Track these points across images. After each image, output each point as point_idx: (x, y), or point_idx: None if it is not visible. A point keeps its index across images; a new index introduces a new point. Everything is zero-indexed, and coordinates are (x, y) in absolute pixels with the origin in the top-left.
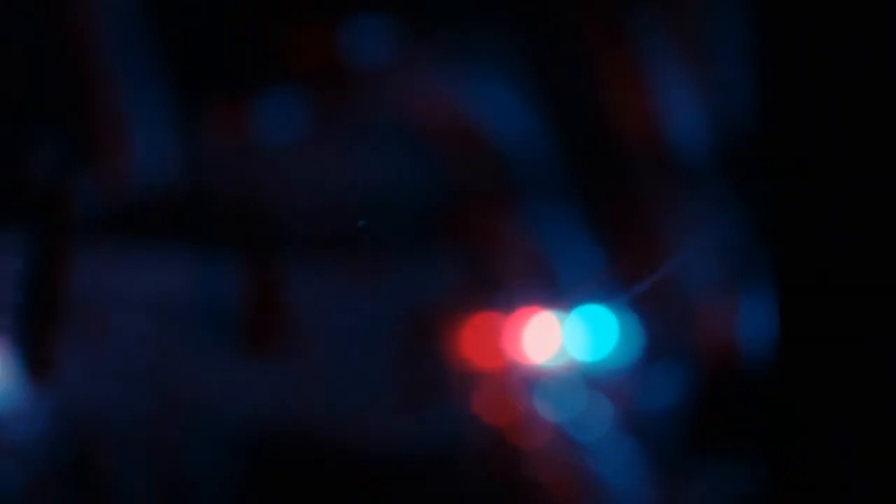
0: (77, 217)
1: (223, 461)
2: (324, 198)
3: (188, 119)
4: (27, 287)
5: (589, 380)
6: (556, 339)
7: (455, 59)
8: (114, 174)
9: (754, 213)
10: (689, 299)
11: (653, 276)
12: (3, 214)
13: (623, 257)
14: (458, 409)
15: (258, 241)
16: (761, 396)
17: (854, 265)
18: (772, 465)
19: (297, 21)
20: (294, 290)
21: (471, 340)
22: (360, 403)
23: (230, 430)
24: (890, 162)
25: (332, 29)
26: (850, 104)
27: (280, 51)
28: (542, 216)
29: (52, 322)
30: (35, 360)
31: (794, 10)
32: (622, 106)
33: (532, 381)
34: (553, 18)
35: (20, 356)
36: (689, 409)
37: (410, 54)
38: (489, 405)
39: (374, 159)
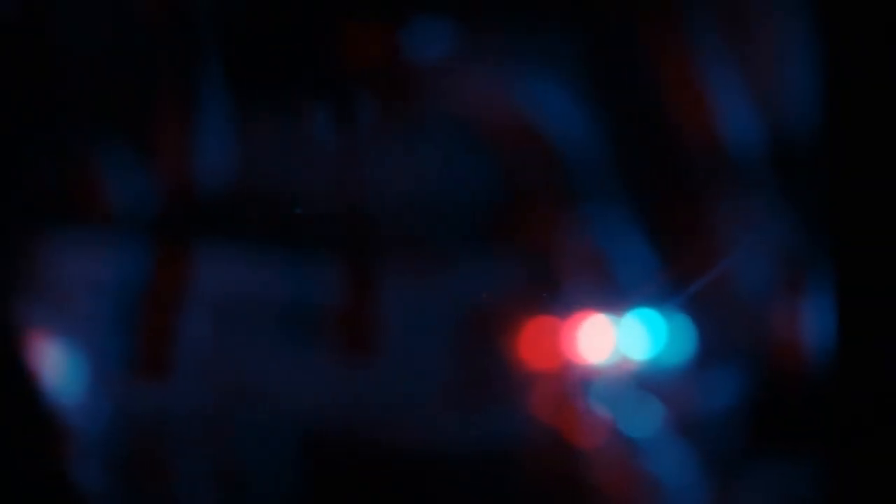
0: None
1: (284, 459)
2: (385, 198)
3: (249, 120)
4: (134, 288)
5: (644, 381)
6: (612, 340)
7: (514, 59)
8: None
9: (813, 214)
10: (746, 300)
11: (709, 277)
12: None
13: (679, 258)
14: (514, 408)
15: (329, 241)
16: (819, 397)
17: None
18: (830, 467)
19: (356, 20)
20: (363, 289)
21: (528, 340)
22: (419, 402)
23: (292, 428)
24: None
25: (391, 29)
26: None
27: (341, 51)
28: (598, 217)
29: (161, 322)
30: (145, 360)
31: (854, 8)
32: (680, 105)
33: (588, 381)
34: (612, 17)
35: (129, 356)
36: (746, 410)
37: (469, 54)
38: (545, 405)
39: (435, 159)
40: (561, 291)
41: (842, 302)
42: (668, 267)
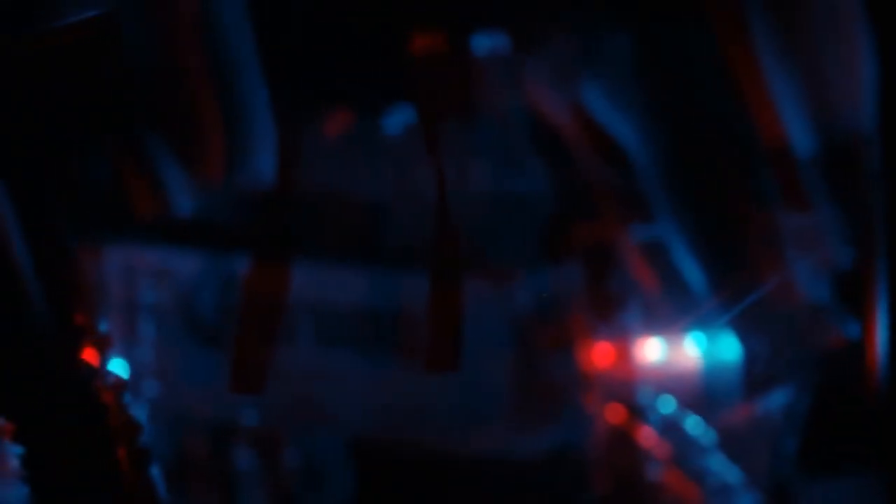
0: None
1: (344, 464)
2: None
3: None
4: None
5: (701, 398)
6: (671, 357)
7: (576, 66)
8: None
9: (870, 228)
10: (802, 316)
11: (765, 294)
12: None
13: (737, 277)
14: (576, 416)
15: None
16: (876, 414)
17: None
18: (887, 483)
19: (415, 27)
20: (415, 302)
21: (590, 352)
22: (482, 409)
23: (355, 433)
24: None
25: (451, 35)
26: None
27: (397, 57)
28: (658, 234)
29: (258, 331)
30: (241, 370)
31: None
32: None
33: (647, 395)
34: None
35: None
36: (803, 425)
37: (531, 60)
38: (606, 416)
39: (495, 168)
40: (622, 304)
41: None
42: (728, 285)
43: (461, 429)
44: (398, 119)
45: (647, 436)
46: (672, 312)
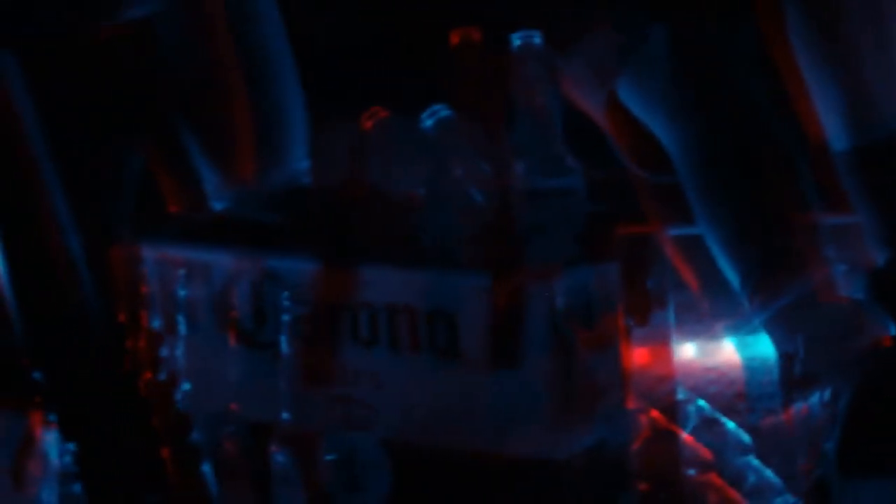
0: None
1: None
2: (482, 209)
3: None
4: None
5: (740, 396)
6: (709, 355)
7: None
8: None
9: None
10: (840, 315)
11: (803, 294)
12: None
13: (775, 276)
14: (614, 417)
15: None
16: None
17: None
18: None
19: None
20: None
21: (628, 352)
22: (521, 410)
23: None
24: None
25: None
26: None
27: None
28: (696, 232)
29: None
30: (313, 367)
31: None
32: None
33: (685, 395)
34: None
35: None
36: (842, 425)
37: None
38: (644, 417)
39: (533, 165)
40: (660, 306)
41: None
42: (765, 283)
43: (500, 429)
44: (436, 116)
45: (684, 436)
46: (709, 312)
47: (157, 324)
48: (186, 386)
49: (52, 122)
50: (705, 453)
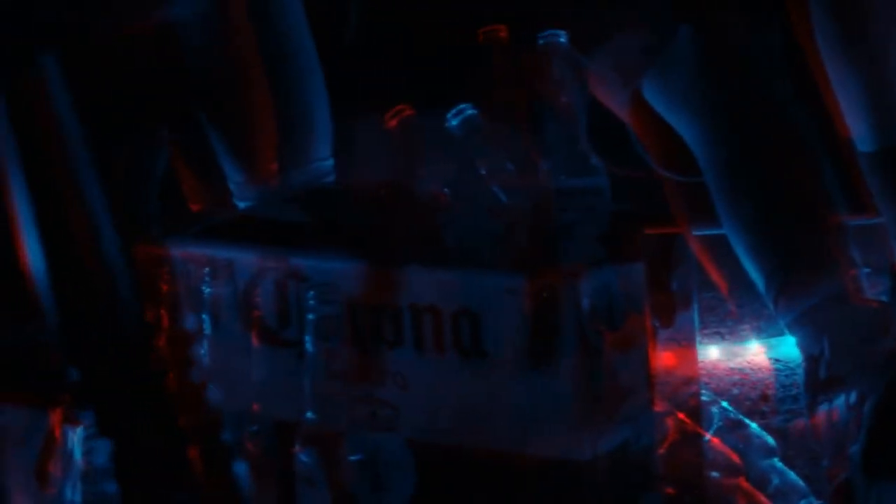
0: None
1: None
2: (506, 208)
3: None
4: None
5: (765, 398)
6: (734, 358)
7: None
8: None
9: None
10: (866, 317)
11: (829, 295)
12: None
13: (800, 277)
14: (639, 418)
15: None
16: None
17: None
18: None
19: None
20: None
21: (653, 353)
22: (546, 410)
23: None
24: None
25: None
26: None
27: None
28: (721, 233)
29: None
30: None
31: None
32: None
33: (709, 397)
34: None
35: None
36: (867, 427)
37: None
38: (669, 418)
39: (559, 164)
40: (684, 307)
41: None
42: (790, 284)
43: (524, 429)
44: (462, 115)
45: (712, 440)
46: (733, 314)
47: (186, 322)
48: (215, 385)
49: (88, 120)
50: (734, 457)
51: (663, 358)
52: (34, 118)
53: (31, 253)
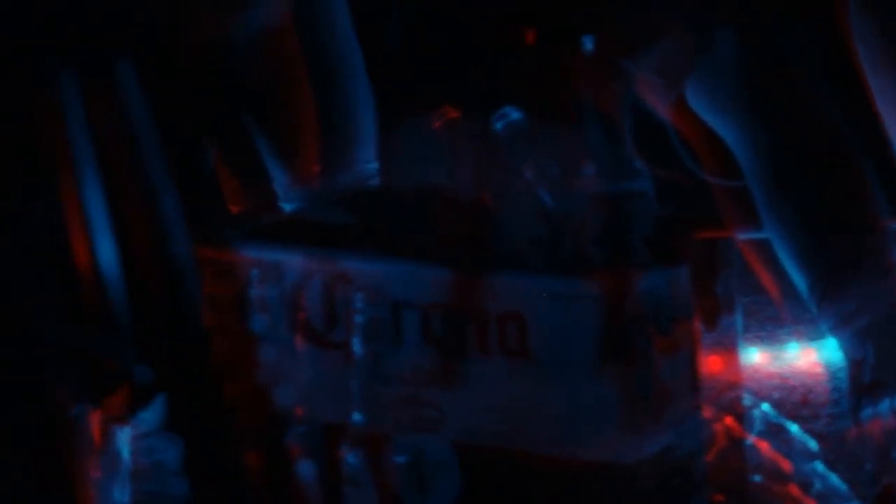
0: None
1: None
2: (552, 211)
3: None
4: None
5: (807, 402)
6: (777, 361)
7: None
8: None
9: None
10: None
11: (871, 299)
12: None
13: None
14: (683, 422)
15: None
16: None
17: None
18: None
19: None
20: (522, 305)
21: (697, 357)
22: (591, 414)
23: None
24: None
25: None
26: None
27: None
28: (764, 237)
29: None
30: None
31: None
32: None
33: (752, 401)
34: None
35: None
36: None
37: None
38: (713, 422)
39: (602, 168)
40: (728, 311)
41: None
42: (832, 288)
43: (570, 432)
44: (507, 118)
45: (752, 442)
46: (778, 318)
47: (253, 325)
48: (280, 386)
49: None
50: (783, 463)
51: (708, 362)
52: (111, 122)
53: (105, 254)
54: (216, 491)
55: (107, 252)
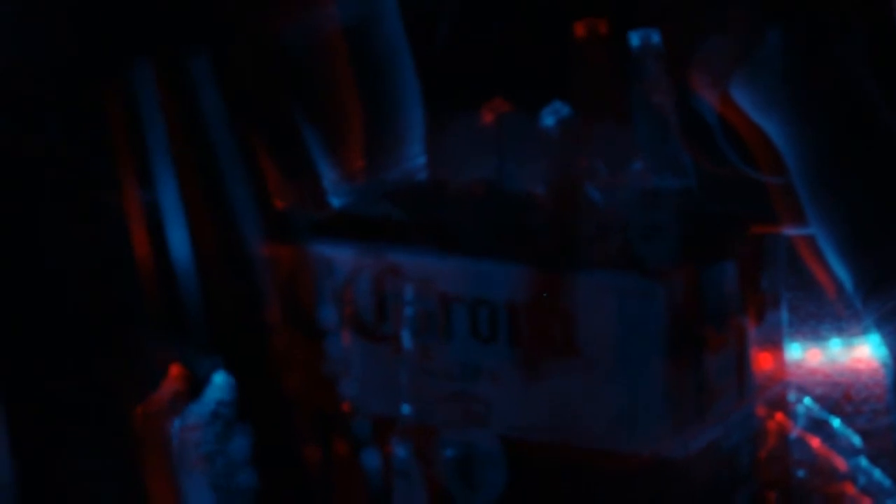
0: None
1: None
2: (595, 207)
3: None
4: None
5: (851, 398)
6: (821, 357)
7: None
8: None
9: None
10: None
11: None
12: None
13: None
14: (730, 417)
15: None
16: None
17: None
18: None
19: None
20: (570, 300)
21: (743, 352)
22: (637, 409)
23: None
24: None
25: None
26: None
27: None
28: (810, 234)
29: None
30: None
31: None
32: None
33: (797, 396)
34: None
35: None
36: None
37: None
38: (759, 417)
39: (650, 171)
40: (774, 307)
41: None
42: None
43: (619, 429)
44: (557, 114)
45: (797, 436)
46: (820, 314)
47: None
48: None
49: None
50: (839, 462)
51: (753, 356)
52: (185, 117)
53: (177, 246)
54: (282, 482)
55: (178, 244)
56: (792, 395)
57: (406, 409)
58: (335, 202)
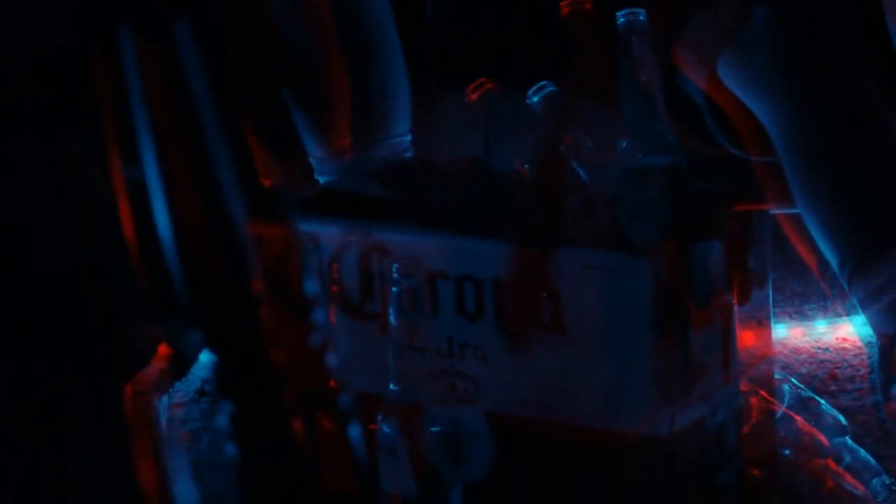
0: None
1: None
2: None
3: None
4: None
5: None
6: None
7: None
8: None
9: None
10: None
11: None
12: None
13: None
14: (716, 395)
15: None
16: None
17: None
18: None
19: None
20: (557, 278)
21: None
22: (624, 386)
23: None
24: None
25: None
26: None
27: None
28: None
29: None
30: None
31: None
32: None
33: (783, 375)
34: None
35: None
36: None
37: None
38: (745, 395)
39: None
40: (760, 286)
41: None
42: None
43: (603, 404)
44: (543, 92)
45: (783, 414)
46: (805, 293)
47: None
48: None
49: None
50: (821, 438)
51: (740, 335)
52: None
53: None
54: (268, 459)
55: (161, 218)
56: (777, 374)
57: (393, 386)
58: (322, 179)
